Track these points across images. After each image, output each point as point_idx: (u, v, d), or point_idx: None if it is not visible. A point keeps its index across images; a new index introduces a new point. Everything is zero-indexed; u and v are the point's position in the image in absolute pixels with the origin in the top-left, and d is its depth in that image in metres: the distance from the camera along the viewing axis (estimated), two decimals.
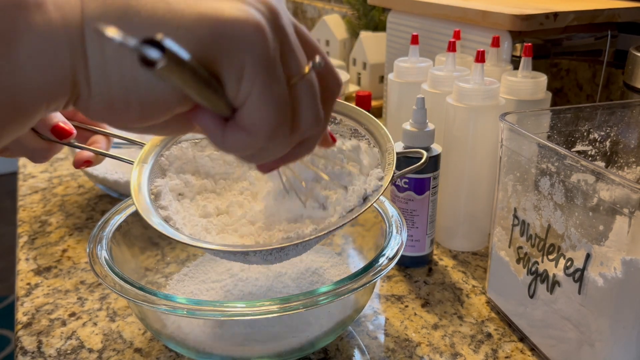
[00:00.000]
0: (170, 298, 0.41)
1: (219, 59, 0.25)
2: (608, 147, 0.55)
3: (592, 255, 0.41)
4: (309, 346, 0.47)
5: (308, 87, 0.28)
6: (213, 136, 0.28)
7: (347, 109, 0.51)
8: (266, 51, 0.25)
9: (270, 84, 0.26)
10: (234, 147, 0.28)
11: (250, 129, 0.27)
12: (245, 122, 0.27)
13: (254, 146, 0.28)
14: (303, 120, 0.28)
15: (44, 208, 0.76)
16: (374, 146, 0.48)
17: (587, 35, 0.73)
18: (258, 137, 0.27)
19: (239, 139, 0.27)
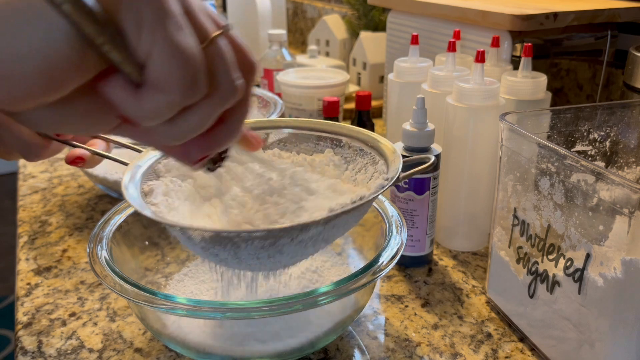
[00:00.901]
0: (170, 298, 0.41)
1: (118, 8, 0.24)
2: (608, 147, 0.55)
3: (592, 255, 0.41)
4: (309, 346, 0.47)
5: (219, 50, 0.27)
6: (126, 103, 0.26)
7: (351, 131, 0.52)
8: (166, 4, 0.25)
9: (174, 32, 0.25)
10: (151, 111, 0.26)
11: (162, 84, 0.25)
12: (155, 77, 0.25)
13: (171, 104, 0.26)
14: (217, 82, 0.28)
15: (44, 208, 0.76)
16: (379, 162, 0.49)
17: (587, 35, 0.73)
18: (173, 93, 0.25)
19: (154, 99, 0.26)
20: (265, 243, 0.39)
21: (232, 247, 0.40)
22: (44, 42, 0.23)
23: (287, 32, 1.42)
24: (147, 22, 0.24)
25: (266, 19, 1.29)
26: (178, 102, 0.26)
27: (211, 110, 0.28)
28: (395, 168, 0.44)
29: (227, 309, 0.40)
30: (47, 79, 0.24)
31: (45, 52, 0.23)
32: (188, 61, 0.25)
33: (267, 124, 0.55)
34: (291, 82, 0.91)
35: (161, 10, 0.25)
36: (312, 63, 1.15)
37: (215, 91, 0.28)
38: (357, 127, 0.52)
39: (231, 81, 0.28)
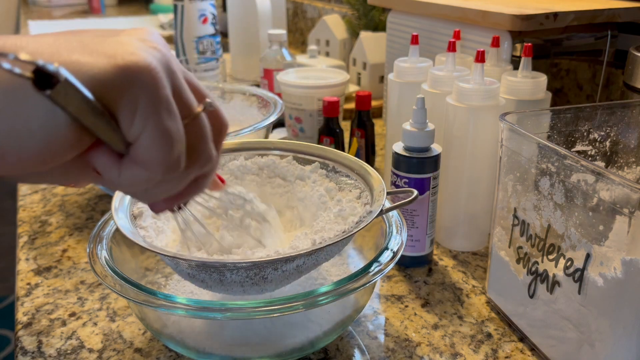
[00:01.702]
0: (170, 298, 0.41)
1: (113, 96, 0.26)
2: (608, 147, 0.55)
3: (592, 255, 0.41)
4: (309, 346, 0.47)
5: (200, 127, 0.30)
6: (109, 172, 0.28)
7: (338, 156, 0.54)
8: (160, 90, 0.27)
9: (164, 119, 0.27)
10: (129, 182, 0.28)
11: (145, 163, 0.28)
12: (140, 156, 0.27)
13: (149, 181, 0.28)
14: (196, 156, 0.30)
15: (44, 208, 0.76)
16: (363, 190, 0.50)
17: (587, 35, 0.73)
18: (154, 172, 0.28)
19: (135, 174, 0.28)
20: (250, 273, 0.41)
21: (217, 275, 0.41)
22: (43, 125, 0.25)
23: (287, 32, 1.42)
24: (141, 109, 0.26)
25: (266, 19, 1.29)
26: (156, 178, 0.29)
27: (184, 180, 0.31)
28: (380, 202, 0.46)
29: (227, 309, 0.40)
30: (42, 157, 0.26)
31: (44, 134, 0.25)
32: (173, 147, 0.28)
33: (256, 145, 0.57)
34: (291, 82, 0.91)
35: (155, 99, 0.27)
36: (312, 63, 1.15)
37: (193, 163, 0.30)
38: (344, 153, 0.54)
39: (208, 153, 0.31)
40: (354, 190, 0.51)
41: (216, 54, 1.24)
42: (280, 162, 0.55)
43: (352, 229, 0.43)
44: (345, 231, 0.44)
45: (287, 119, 0.94)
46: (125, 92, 0.26)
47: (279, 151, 0.56)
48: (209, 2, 1.20)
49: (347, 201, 0.50)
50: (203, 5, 1.19)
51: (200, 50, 1.20)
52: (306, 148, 0.55)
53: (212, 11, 1.21)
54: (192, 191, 0.33)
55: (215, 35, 1.23)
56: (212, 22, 1.21)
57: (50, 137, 0.25)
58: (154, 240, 0.45)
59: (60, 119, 0.25)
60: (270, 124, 0.75)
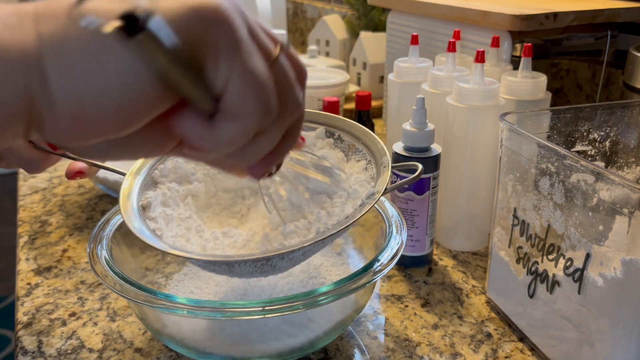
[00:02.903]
0: (170, 298, 0.41)
1: (194, 41, 0.24)
2: (608, 147, 0.55)
3: (592, 255, 0.41)
4: (309, 346, 0.47)
5: (282, 69, 0.28)
6: (202, 135, 0.26)
7: (344, 124, 0.51)
8: (238, 33, 0.25)
9: (249, 62, 0.25)
10: (227, 140, 0.26)
11: (240, 112, 0.26)
12: (233, 105, 0.25)
13: (247, 132, 0.26)
14: (285, 102, 0.28)
15: (44, 208, 0.76)
16: (370, 160, 0.49)
17: (587, 35, 0.73)
18: (251, 119, 0.26)
19: (231, 128, 0.26)
20: (258, 264, 0.41)
21: (226, 267, 0.41)
22: (123, 80, 0.23)
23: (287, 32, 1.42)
24: (223, 53, 0.25)
25: (266, 19, 1.29)
26: (254, 127, 0.26)
27: (280, 130, 0.29)
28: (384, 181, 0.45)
29: (227, 309, 0.40)
30: (123, 117, 0.24)
31: (125, 91, 0.23)
32: (264, 87, 0.26)
33: None
34: None
35: (234, 39, 0.25)
36: (312, 63, 1.15)
37: (284, 110, 0.28)
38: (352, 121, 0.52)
39: (296, 98, 0.29)
40: (362, 161, 0.50)
41: None
42: None
43: (355, 213, 0.43)
44: (349, 216, 0.43)
45: None
46: (204, 36, 0.24)
47: None
48: None
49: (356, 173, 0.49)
50: None
51: None
52: (311, 116, 0.53)
53: None
54: (286, 146, 0.30)
55: None
56: None
57: (131, 94, 0.23)
58: (164, 232, 0.44)
59: (142, 74, 0.23)
60: None
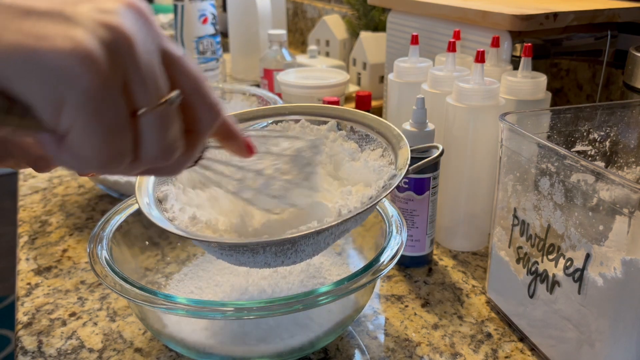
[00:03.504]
0: (170, 298, 0.41)
1: (31, 88, 0.23)
2: (608, 147, 0.55)
3: (592, 255, 0.41)
4: (309, 346, 0.47)
5: (155, 120, 0.27)
6: (49, 150, 0.26)
7: (355, 115, 0.51)
8: (93, 84, 0.24)
9: (98, 115, 0.24)
10: (68, 166, 0.26)
11: (79, 157, 0.25)
12: (73, 149, 0.25)
13: (85, 171, 0.27)
14: (145, 152, 0.27)
15: (44, 208, 0.76)
16: (386, 148, 0.48)
17: (587, 35, 0.73)
18: (89, 166, 0.26)
19: (71, 161, 0.26)
20: (284, 247, 0.41)
21: (250, 253, 0.41)
22: None
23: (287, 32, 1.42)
24: (68, 105, 0.24)
25: (266, 19, 1.29)
26: (94, 172, 0.27)
27: (135, 170, 0.28)
28: (404, 160, 0.44)
29: (227, 309, 0.40)
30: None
31: None
32: (107, 144, 0.25)
33: (270, 111, 0.55)
34: (291, 82, 0.91)
35: (87, 95, 0.24)
36: (312, 63, 1.15)
37: (139, 157, 0.27)
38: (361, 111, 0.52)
39: (161, 149, 0.28)
40: (377, 149, 0.49)
41: (216, 54, 1.24)
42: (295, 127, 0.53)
43: (379, 194, 0.42)
44: (372, 197, 0.43)
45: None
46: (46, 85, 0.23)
47: (294, 115, 0.54)
48: (209, 2, 1.20)
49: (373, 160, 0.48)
50: (203, 5, 1.19)
51: (200, 51, 1.20)
52: (321, 110, 0.53)
53: (212, 11, 1.21)
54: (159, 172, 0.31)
55: (215, 36, 1.23)
56: (212, 22, 1.21)
57: None
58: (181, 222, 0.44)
59: None
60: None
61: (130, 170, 0.28)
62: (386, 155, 0.48)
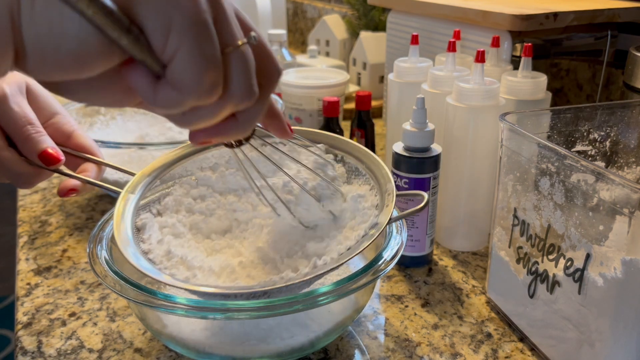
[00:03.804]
0: (170, 298, 0.41)
1: (145, 11, 0.26)
2: (608, 147, 0.55)
3: (592, 255, 0.41)
4: (309, 346, 0.47)
5: (241, 57, 0.29)
6: (144, 92, 0.28)
7: (349, 147, 0.52)
8: (197, 10, 0.26)
9: (200, 42, 0.27)
10: (163, 104, 0.28)
11: (179, 85, 0.27)
12: (174, 78, 0.27)
13: (183, 104, 0.28)
14: (234, 87, 0.29)
15: (44, 208, 0.76)
16: (373, 186, 0.48)
17: (587, 35, 0.73)
18: (187, 95, 0.28)
19: (169, 97, 0.28)
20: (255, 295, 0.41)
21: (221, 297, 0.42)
22: (77, 31, 0.25)
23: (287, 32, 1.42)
24: (175, 28, 0.26)
25: (266, 19, 1.29)
26: (190, 102, 0.28)
27: (221, 110, 0.30)
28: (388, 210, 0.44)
29: (227, 309, 0.40)
30: (77, 61, 0.26)
31: (78, 40, 0.25)
32: (207, 71, 0.27)
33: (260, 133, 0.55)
34: (291, 82, 0.91)
35: (191, 19, 0.26)
36: (312, 63, 1.15)
37: (229, 95, 0.29)
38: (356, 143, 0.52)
39: (247, 86, 0.30)
40: (364, 186, 0.50)
41: None
42: None
43: (357, 246, 0.43)
44: (351, 248, 0.43)
45: (287, 119, 0.95)
46: (158, 8, 0.26)
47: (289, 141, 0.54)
48: None
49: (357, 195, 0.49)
50: None
51: None
52: (313, 136, 0.53)
53: None
54: (232, 127, 0.32)
55: None
56: None
57: (82, 43, 0.25)
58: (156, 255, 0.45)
59: (89, 28, 0.25)
60: None
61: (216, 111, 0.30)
62: (372, 195, 0.48)
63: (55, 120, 0.49)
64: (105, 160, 0.50)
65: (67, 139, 0.49)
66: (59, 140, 0.48)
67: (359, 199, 0.48)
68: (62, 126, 0.49)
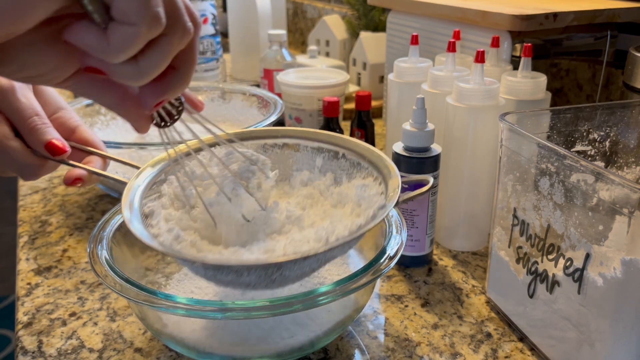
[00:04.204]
0: (170, 298, 0.41)
1: None
2: (608, 147, 0.55)
3: (592, 255, 0.41)
4: (309, 346, 0.47)
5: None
6: (95, 45, 0.28)
7: (350, 144, 0.52)
8: None
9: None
10: (118, 46, 0.28)
11: (128, 19, 0.28)
12: (121, 14, 0.28)
13: (137, 37, 0.28)
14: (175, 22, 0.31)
15: (44, 208, 0.77)
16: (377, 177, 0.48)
17: (587, 35, 0.73)
18: (138, 26, 0.28)
19: (121, 34, 0.28)
20: (268, 271, 0.40)
21: (234, 274, 0.41)
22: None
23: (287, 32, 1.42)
24: None
25: (266, 19, 1.29)
26: (143, 33, 0.29)
27: (169, 47, 0.31)
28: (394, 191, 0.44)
29: (227, 309, 0.40)
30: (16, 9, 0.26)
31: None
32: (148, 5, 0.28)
33: (263, 133, 0.55)
34: (291, 82, 0.91)
35: None
36: (312, 63, 1.15)
37: (172, 29, 0.31)
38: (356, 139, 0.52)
39: (185, 21, 0.32)
40: (368, 178, 0.49)
41: (216, 54, 1.24)
42: None
43: (367, 223, 0.42)
44: (361, 226, 0.43)
45: (287, 119, 0.95)
46: None
47: (287, 139, 0.54)
48: (209, 2, 1.20)
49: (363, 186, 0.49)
50: (203, 5, 1.19)
51: (200, 51, 1.20)
52: (314, 135, 0.54)
53: (212, 11, 1.21)
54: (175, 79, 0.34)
55: (215, 36, 1.23)
56: (212, 22, 1.21)
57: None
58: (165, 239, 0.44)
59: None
60: (271, 124, 0.75)
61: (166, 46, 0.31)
62: (376, 184, 0.48)
63: (60, 114, 0.49)
64: (109, 154, 0.51)
65: (71, 133, 0.50)
66: (64, 134, 0.48)
67: (364, 188, 0.48)
68: (66, 121, 0.49)
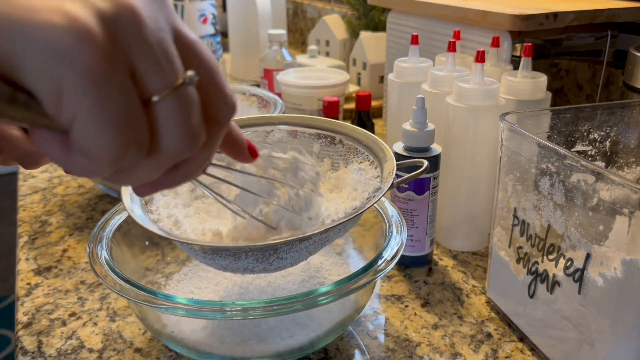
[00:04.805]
0: (170, 298, 0.41)
1: (28, 71, 0.21)
2: (608, 147, 0.55)
3: (592, 255, 0.41)
4: (309, 346, 0.47)
5: (174, 105, 0.24)
6: (55, 159, 0.23)
7: (347, 129, 0.52)
8: (93, 65, 0.21)
9: (102, 102, 0.21)
10: (77, 172, 0.24)
11: (87, 154, 0.23)
12: (79, 145, 0.22)
13: (97, 172, 0.23)
14: (166, 142, 0.24)
15: (44, 208, 0.76)
16: (373, 161, 0.49)
17: (587, 35, 0.73)
18: (99, 164, 0.23)
19: (80, 164, 0.23)
20: (265, 254, 0.40)
21: (232, 258, 0.41)
22: None
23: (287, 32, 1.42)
24: (67, 90, 0.21)
25: (266, 19, 1.29)
26: (106, 170, 0.24)
27: (156, 167, 0.25)
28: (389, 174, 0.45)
29: (227, 309, 0.40)
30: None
31: None
32: (117, 134, 0.22)
33: (261, 120, 0.55)
34: (291, 82, 0.91)
35: (88, 77, 0.21)
36: (312, 63, 1.15)
37: (159, 148, 0.24)
38: (352, 125, 0.53)
39: (185, 137, 0.25)
40: (364, 162, 0.50)
41: (216, 54, 1.24)
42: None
43: (363, 205, 0.43)
44: (356, 208, 0.43)
45: None
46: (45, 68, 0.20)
47: (284, 125, 0.54)
48: (209, 2, 1.20)
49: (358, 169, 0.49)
50: (203, 5, 1.19)
51: None
52: (311, 121, 0.54)
53: (212, 11, 1.21)
54: (176, 178, 0.27)
55: (215, 35, 1.23)
56: (212, 22, 1.21)
57: None
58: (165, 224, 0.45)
59: None
60: None
61: (151, 169, 0.25)
62: (372, 168, 0.49)
63: None
64: None
65: None
66: None
67: (360, 172, 0.48)
68: None
